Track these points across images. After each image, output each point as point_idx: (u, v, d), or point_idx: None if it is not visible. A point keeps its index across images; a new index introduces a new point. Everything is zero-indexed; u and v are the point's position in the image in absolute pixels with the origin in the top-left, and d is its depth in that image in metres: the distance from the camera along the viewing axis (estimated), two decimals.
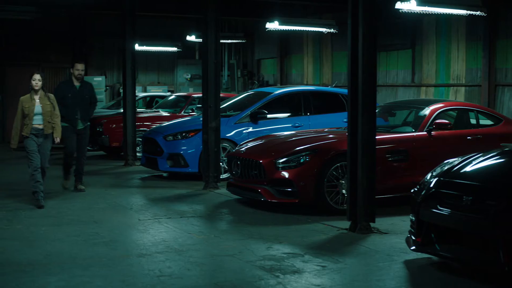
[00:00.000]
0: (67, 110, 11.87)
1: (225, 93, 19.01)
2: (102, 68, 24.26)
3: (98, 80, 22.22)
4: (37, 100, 10.83)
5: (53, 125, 10.95)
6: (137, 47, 17.66)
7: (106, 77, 23.78)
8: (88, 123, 12.37)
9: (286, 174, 10.13)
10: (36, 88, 10.81)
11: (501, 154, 7.51)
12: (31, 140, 10.76)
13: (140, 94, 21.85)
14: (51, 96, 11.11)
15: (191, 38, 21.46)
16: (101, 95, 21.99)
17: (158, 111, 18.99)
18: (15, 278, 6.66)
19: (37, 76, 10.85)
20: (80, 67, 12.08)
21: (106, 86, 23.52)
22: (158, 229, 8.99)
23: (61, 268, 7.03)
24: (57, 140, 11.02)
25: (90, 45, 23.43)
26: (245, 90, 23.06)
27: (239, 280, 6.64)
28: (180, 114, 17.81)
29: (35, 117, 10.75)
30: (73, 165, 12.29)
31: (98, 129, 17.30)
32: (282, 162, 10.20)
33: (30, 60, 23.14)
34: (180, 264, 7.19)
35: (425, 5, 12.93)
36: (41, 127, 10.81)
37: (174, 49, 22.82)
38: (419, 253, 7.29)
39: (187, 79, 25.13)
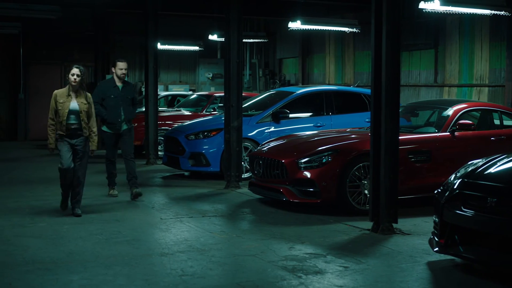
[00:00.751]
0: (109, 112, 11.20)
1: (247, 93, 19.02)
2: None
3: None
4: (74, 97, 9.70)
5: (91, 133, 9.84)
6: (159, 46, 17.69)
7: (128, 76, 23.85)
8: (132, 125, 11.56)
9: (308, 174, 10.10)
10: (74, 84, 9.68)
11: None
12: (63, 142, 9.71)
13: (162, 93, 21.89)
14: (89, 95, 9.95)
15: (213, 37, 21.49)
16: None
17: (180, 110, 19.03)
18: (38, 276, 6.69)
19: (75, 71, 9.71)
20: (123, 65, 11.28)
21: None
22: (180, 228, 9.00)
23: (84, 267, 7.05)
24: (93, 153, 9.98)
25: (112, 44, 23.51)
26: (266, 90, 23.04)
27: (261, 280, 6.63)
28: (201, 113, 17.84)
29: (69, 115, 9.65)
30: (116, 172, 11.59)
31: None
32: (304, 162, 10.17)
33: (53, 58, 23.34)
34: (202, 264, 7.19)
35: (448, 5, 12.84)
36: (75, 127, 9.69)
37: (196, 48, 22.88)
38: (442, 255, 7.24)
39: (208, 78, 25.14)
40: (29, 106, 23.03)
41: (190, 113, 18.15)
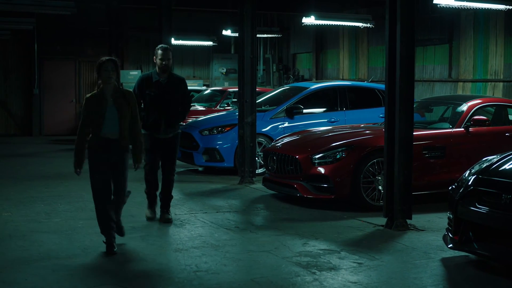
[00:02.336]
0: (148, 112, 9.06)
1: (261, 88, 19.00)
2: (138, 62, 24.41)
3: (134, 74, 22.26)
4: (110, 100, 7.41)
5: (135, 144, 7.65)
6: (172, 41, 17.72)
7: (141, 71, 23.90)
8: (178, 131, 9.31)
9: (322, 170, 10.11)
10: (109, 82, 7.37)
11: None
12: (97, 156, 7.43)
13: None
14: (130, 94, 7.64)
15: (227, 32, 21.52)
16: None
17: (194, 105, 19.01)
18: (54, 271, 6.73)
19: (109, 65, 7.35)
20: (167, 54, 9.09)
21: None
22: (194, 224, 9.02)
23: (99, 263, 7.10)
24: (136, 168, 7.76)
25: (126, 39, 23.57)
26: (280, 85, 23.05)
27: (275, 276, 6.64)
28: (215, 109, 17.86)
29: (106, 124, 7.38)
30: (158, 187, 9.42)
31: None
32: (318, 158, 10.18)
33: (67, 54, 23.44)
34: (216, 260, 7.21)
35: (463, 0, 12.82)
36: (115, 137, 7.44)
37: (210, 43, 22.91)
38: (457, 251, 7.23)
39: (222, 73, 25.16)
40: (43, 102, 23.16)
41: (204, 109, 18.17)
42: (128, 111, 7.47)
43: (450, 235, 7.20)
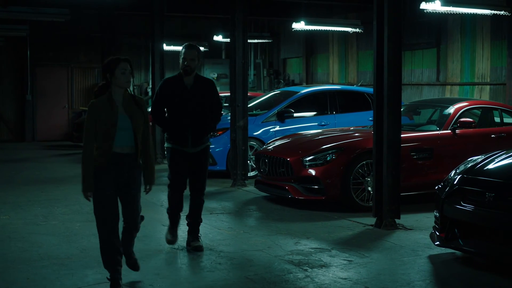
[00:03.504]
0: (172, 122, 7.89)
1: (252, 92, 19.21)
2: None
3: None
4: (122, 107, 6.23)
5: (147, 160, 6.50)
6: (164, 46, 17.93)
7: (133, 77, 24.10)
8: (208, 143, 8.05)
9: (313, 172, 10.36)
10: (127, 86, 6.30)
11: None
12: (105, 176, 6.22)
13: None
14: (142, 101, 6.44)
15: (218, 38, 21.72)
16: None
17: None
18: (54, 270, 6.96)
19: (127, 66, 6.27)
20: (191, 54, 7.77)
21: (133, 85, 23.85)
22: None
23: (97, 262, 7.24)
24: (148, 191, 6.73)
25: (118, 45, 23.74)
26: (271, 89, 23.26)
27: (269, 273, 6.88)
28: None
29: (119, 135, 6.19)
30: (182, 208, 8.20)
31: None
32: (309, 160, 10.42)
33: (60, 60, 23.62)
34: (211, 259, 7.45)
35: (449, 5, 13.06)
36: (126, 151, 6.26)
37: (201, 48, 23.06)
38: (443, 248, 7.51)
39: (213, 78, 25.37)
40: (36, 107, 23.33)
41: None
42: (142, 120, 6.30)
43: (437, 233, 7.46)
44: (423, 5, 12.96)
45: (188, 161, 7.86)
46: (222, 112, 8.28)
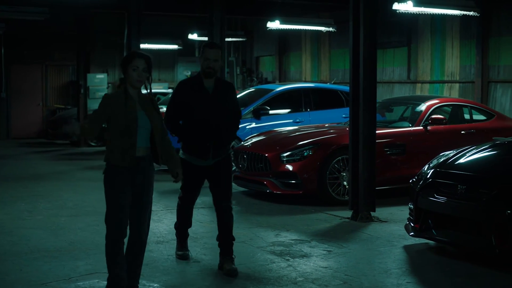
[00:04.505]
0: (192, 130, 7.05)
1: None
2: (104, 66, 24.67)
3: (100, 78, 22.61)
4: (139, 105, 5.79)
5: (172, 156, 6.19)
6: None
7: (108, 74, 24.21)
8: (231, 151, 7.40)
9: (290, 167, 10.68)
10: (139, 84, 5.78)
11: (492, 147, 8.14)
12: (123, 178, 5.73)
13: (142, 91, 22.24)
14: (155, 101, 5.99)
15: (193, 36, 21.95)
16: (103, 92, 22.45)
17: (162, 107, 19.41)
18: (46, 262, 7.20)
19: (141, 63, 5.72)
20: (214, 54, 6.88)
21: (108, 83, 23.98)
22: (172, 219, 9.44)
23: (86, 254, 7.57)
24: (178, 179, 6.36)
25: (93, 43, 23.88)
26: (244, 87, 23.54)
27: (252, 263, 7.21)
28: None
29: (140, 134, 5.71)
30: (190, 224, 7.64)
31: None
32: (287, 156, 10.75)
33: (34, 58, 23.68)
34: (196, 250, 7.74)
35: (421, 6, 13.46)
36: (143, 153, 5.78)
37: (175, 46, 23.34)
38: (417, 239, 7.88)
39: (187, 76, 25.60)
40: (11, 105, 23.41)
41: None
42: (160, 120, 5.86)
43: (412, 224, 7.83)
44: (396, 6, 13.33)
45: (207, 173, 7.13)
46: (241, 116, 7.42)
